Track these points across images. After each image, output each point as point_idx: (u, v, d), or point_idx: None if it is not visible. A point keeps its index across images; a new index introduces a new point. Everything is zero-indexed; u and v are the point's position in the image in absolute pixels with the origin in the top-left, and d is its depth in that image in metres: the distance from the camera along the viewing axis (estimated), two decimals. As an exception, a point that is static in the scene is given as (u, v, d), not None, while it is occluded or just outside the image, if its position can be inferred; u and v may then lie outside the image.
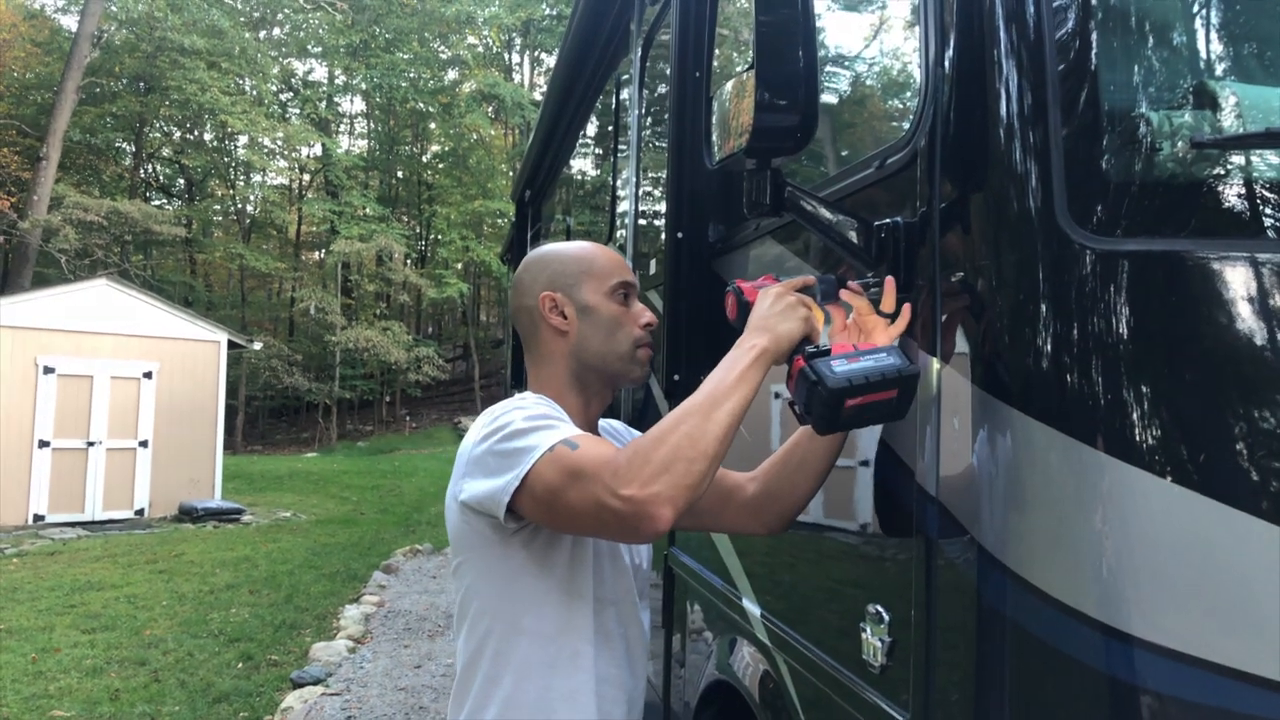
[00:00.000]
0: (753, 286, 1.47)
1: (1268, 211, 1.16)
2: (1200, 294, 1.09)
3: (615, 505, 1.23)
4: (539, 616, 1.50)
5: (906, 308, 1.35)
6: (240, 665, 6.19)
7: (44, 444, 12.28)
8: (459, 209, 32.94)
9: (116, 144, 32.76)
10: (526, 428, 1.40)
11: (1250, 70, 1.26)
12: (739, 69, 1.38)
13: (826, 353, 1.32)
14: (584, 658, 1.52)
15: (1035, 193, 1.15)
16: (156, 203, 33.92)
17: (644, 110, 3.27)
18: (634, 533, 1.26)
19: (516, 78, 38.95)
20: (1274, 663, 1.01)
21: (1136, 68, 1.23)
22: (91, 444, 12.64)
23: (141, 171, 34.75)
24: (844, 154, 1.86)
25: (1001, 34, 1.21)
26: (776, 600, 1.92)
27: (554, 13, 34.02)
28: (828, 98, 1.85)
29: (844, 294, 1.43)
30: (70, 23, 30.47)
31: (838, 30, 1.87)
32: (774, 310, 1.37)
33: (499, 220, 31.69)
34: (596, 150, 5.11)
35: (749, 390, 1.31)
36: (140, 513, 12.98)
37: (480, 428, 1.48)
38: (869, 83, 1.78)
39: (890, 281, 1.35)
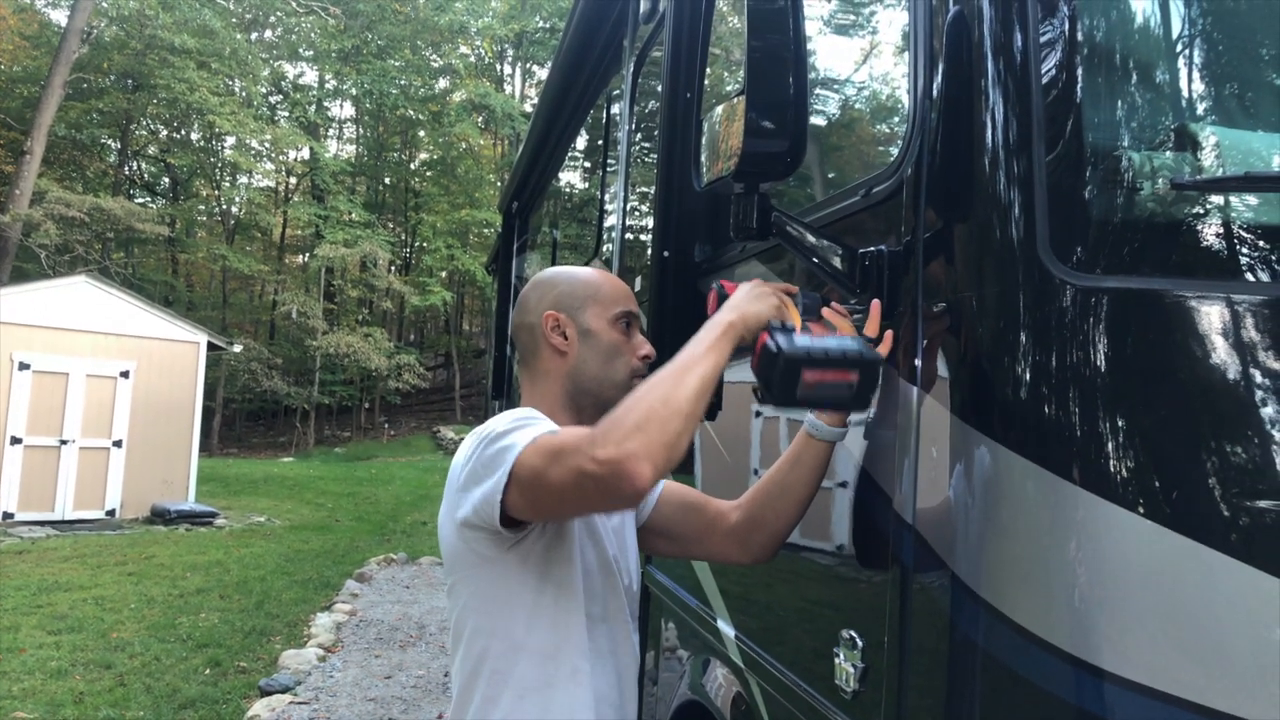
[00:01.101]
0: (734, 286, 1.49)
1: (1245, 253, 1.17)
2: (1177, 332, 1.11)
3: (593, 469, 1.24)
4: (536, 634, 1.50)
5: (889, 334, 1.36)
6: (208, 671, 6.12)
7: (16, 440, 12.13)
8: (445, 217, 32.89)
9: (102, 140, 32.51)
10: (509, 429, 1.43)
11: (1231, 113, 1.28)
12: (730, 89, 1.39)
13: (791, 330, 1.35)
14: (582, 674, 1.52)
15: (1018, 227, 1.16)
16: (140, 201, 33.68)
17: (634, 127, 3.28)
18: (615, 493, 1.25)
19: (508, 89, 39.02)
20: (1241, 699, 1.02)
21: (1120, 107, 1.25)
22: (64, 442, 12.50)
23: (126, 169, 34.53)
24: (831, 180, 1.88)
25: (989, 67, 1.22)
26: (751, 622, 1.93)
27: (547, 25, 34.12)
28: (817, 124, 1.86)
29: (828, 313, 1.44)
30: (60, 17, 30.34)
31: (828, 57, 1.89)
32: (748, 295, 1.41)
33: (485, 230, 31.65)
34: (585, 165, 5.12)
35: (718, 359, 1.34)
36: (111, 513, 12.84)
37: (468, 446, 1.50)
38: (858, 111, 1.80)
39: (876, 305, 1.37)
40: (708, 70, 2.45)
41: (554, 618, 1.51)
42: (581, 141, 5.12)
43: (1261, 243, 1.17)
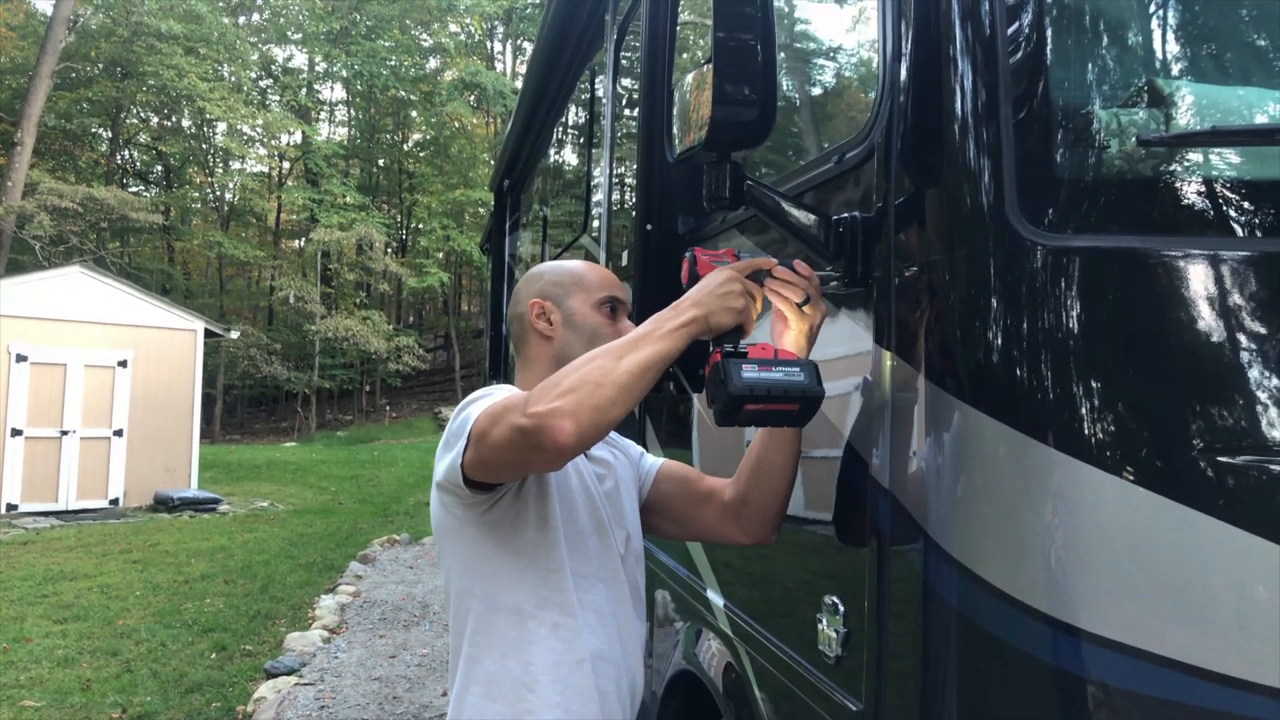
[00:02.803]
0: (709, 259, 1.48)
1: (1215, 208, 1.17)
2: (1149, 290, 1.10)
3: (522, 423, 1.28)
4: (514, 593, 1.53)
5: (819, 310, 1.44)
6: (214, 655, 6.16)
7: (16, 433, 12.14)
8: (440, 198, 32.78)
9: (92, 130, 32.35)
10: (474, 399, 1.49)
11: (1201, 69, 1.28)
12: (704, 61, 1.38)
13: (744, 355, 1.36)
14: (565, 630, 1.53)
15: (987, 189, 1.16)
16: (134, 189, 33.52)
17: (617, 101, 3.26)
18: (539, 448, 1.28)
19: (499, 66, 38.75)
20: (1217, 655, 1.03)
21: (1089, 66, 1.24)
22: (65, 433, 12.51)
23: (118, 158, 34.36)
24: (802, 148, 1.87)
25: (957, 32, 1.21)
26: (739, 591, 1.94)
27: (537, 0, 33.83)
28: (786, 91, 1.85)
29: (789, 276, 1.44)
30: (45, 6, 30.07)
31: (797, 25, 1.88)
32: (718, 292, 1.39)
33: (480, 210, 31.52)
34: (573, 141, 5.10)
35: (671, 347, 1.33)
36: (115, 502, 12.88)
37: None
38: (828, 76, 1.79)
39: (800, 265, 1.43)
40: (689, 42, 2.43)
41: (534, 578, 1.53)
42: (568, 118, 5.09)
43: (1232, 197, 1.17)
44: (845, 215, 1.38)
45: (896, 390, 1.27)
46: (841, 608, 1.39)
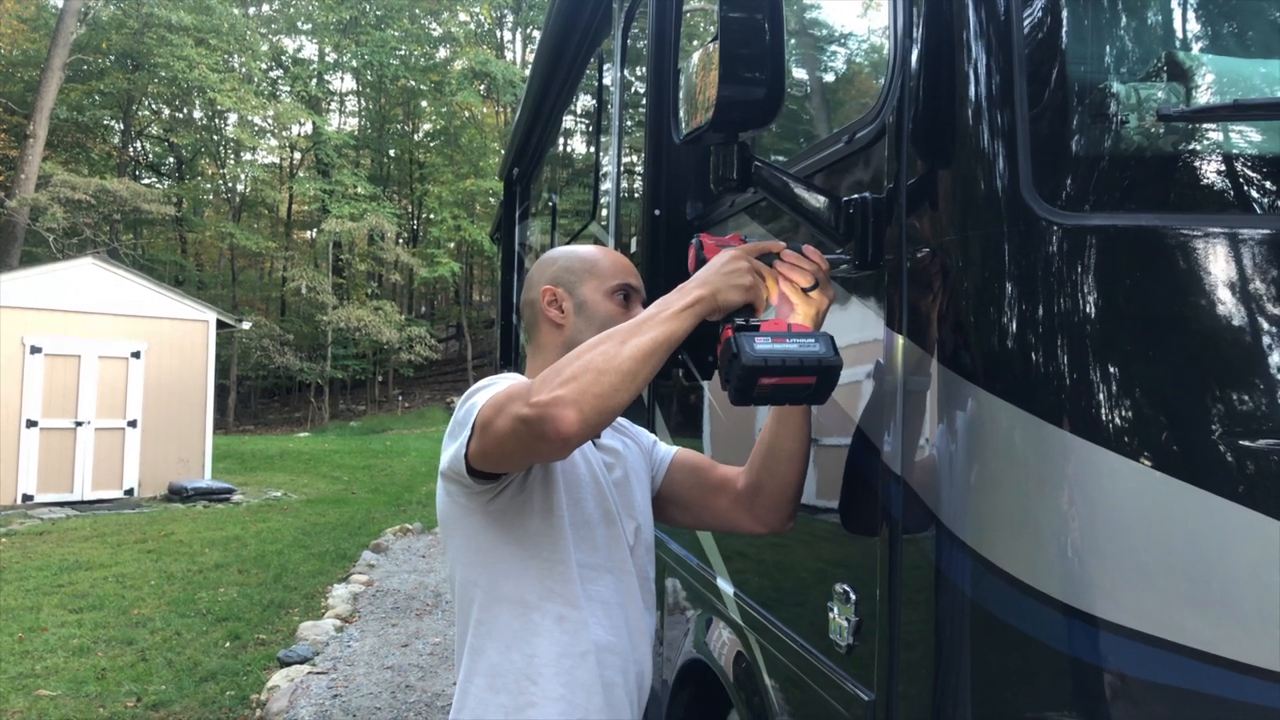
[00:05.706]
0: (714, 244, 1.44)
1: (1237, 184, 1.14)
2: (1169, 269, 1.07)
3: (525, 413, 1.25)
4: (518, 583, 1.51)
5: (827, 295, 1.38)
6: (227, 644, 6.19)
7: (32, 424, 12.23)
8: (451, 188, 32.78)
9: (104, 122, 32.45)
10: (479, 388, 1.47)
11: (1221, 42, 1.24)
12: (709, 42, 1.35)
13: (756, 328, 1.32)
14: (570, 622, 1.51)
15: (1001, 167, 1.13)
16: (146, 181, 33.68)
17: (625, 88, 3.23)
18: (542, 438, 1.26)
19: (509, 55, 38.69)
20: (1238, 643, 1.00)
21: (1105, 40, 1.21)
22: (80, 424, 12.59)
23: (130, 149, 34.46)
24: (812, 128, 1.84)
25: (970, 5, 1.18)
26: (749, 579, 1.92)
27: (546, -11, 33.71)
28: (793, 69, 1.82)
29: (798, 258, 1.39)
30: (56, -2, 30.16)
31: (806, 1, 1.85)
32: (724, 270, 1.36)
33: (491, 199, 31.51)
34: (581, 128, 5.07)
35: (677, 328, 1.30)
36: (129, 492, 12.96)
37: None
38: (837, 53, 1.76)
39: (810, 250, 1.37)
40: (697, 28, 2.40)
41: (538, 569, 1.51)
42: (576, 105, 5.06)
43: (1253, 173, 1.13)
44: (855, 196, 1.35)
45: (909, 375, 1.25)
46: (853, 596, 1.37)
